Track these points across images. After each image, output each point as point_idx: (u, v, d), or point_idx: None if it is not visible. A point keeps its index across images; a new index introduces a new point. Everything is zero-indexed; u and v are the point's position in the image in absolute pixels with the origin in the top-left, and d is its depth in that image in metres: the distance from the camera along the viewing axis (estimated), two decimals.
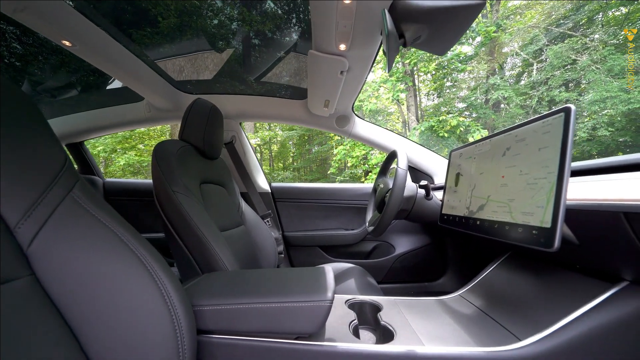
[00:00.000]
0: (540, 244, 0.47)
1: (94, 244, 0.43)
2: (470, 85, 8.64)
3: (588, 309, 0.51)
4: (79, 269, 0.41)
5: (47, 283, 0.39)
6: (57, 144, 0.47)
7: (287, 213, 1.61)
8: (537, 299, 0.61)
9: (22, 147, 0.42)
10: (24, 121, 0.44)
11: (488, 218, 0.63)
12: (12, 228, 0.38)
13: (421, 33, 0.69)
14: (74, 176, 0.47)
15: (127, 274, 0.44)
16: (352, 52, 0.86)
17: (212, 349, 0.53)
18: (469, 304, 0.73)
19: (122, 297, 0.42)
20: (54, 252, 0.40)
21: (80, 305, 0.39)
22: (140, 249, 0.46)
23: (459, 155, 0.84)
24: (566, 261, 0.63)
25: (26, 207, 0.40)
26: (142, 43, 1.07)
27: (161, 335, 0.43)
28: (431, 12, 0.64)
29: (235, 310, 0.52)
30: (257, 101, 1.44)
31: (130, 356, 0.41)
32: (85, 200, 0.46)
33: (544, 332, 0.51)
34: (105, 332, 0.40)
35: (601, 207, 0.46)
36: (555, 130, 0.49)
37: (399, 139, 1.47)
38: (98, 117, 1.48)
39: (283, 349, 0.52)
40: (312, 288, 0.54)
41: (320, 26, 0.76)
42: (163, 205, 0.82)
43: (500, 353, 0.50)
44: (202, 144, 1.02)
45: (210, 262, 0.79)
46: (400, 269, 1.51)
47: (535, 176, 0.51)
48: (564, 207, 0.45)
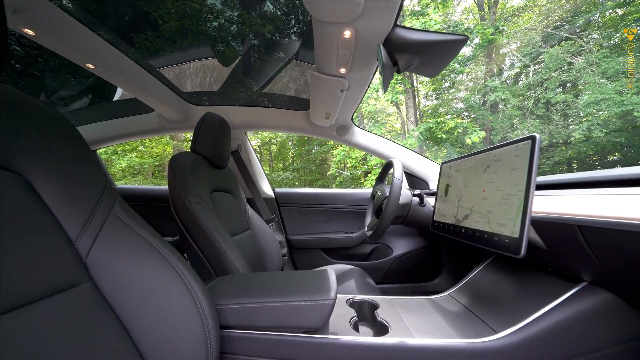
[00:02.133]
0: (510, 251, 0.56)
1: (134, 253, 0.52)
2: (468, 86, 8.73)
3: (554, 306, 0.59)
4: (125, 275, 0.49)
5: (103, 287, 0.47)
6: (98, 166, 0.56)
7: (290, 217, 1.70)
8: (514, 297, 0.69)
9: (75, 174, 0.50)
10: (74, 149, 0.52)
11: (471, 227, 0.72)
12: (73, 241, 0.47)
13: (413, 61, 0.78)
14: (113, 194, 0.56)
15: (162, 277, 0.52)
16: (351, 74, 0.94)
17: (232, 342, 0.62)
18: (456, 302, 0.81)
19: (160, 298, 0.51)
20: (106, 260, 0.49)
21: (129, 305, 0.48)
22: (171, 256, 0.55)
23: (449, 167, 0.93)
24: (539, 264, 0.71)
25: (82, 224, 0.48)
26: (145, 47, 1.11)
27: (192, 330, 0.52)
28: (420, 44, 0.72)
29: (251, 309, 0.61)
30: (262, 112, 1.52)
31: (169, 348, 0.49)
32: (125, 215, 0.54)
33: (516, 325, 0.60)
34: (149, 328, 0.48)
35: (561, 220, 0.55)
36: (524, 154, 0.57)
37: (395, 146, 1.56)
38: (112, 127, 1.56)
39: (293, 341, 0.61)
40: (318, 289, 0.62)
41: (322, 53, 0.84)
42: (179, 213, 0.90)
43: (478, 344, 0.59)
44: (212, 155, 1.11)
45: (223, 265, 0.87)
46: (398, 270, 1.60)
47: (508, 192, 0.60)
48: (529, 220, 0.53)
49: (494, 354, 0.58)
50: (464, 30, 7.63)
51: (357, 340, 0.61)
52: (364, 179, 8.02)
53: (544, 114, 6.50)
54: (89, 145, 0.55)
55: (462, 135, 6.50)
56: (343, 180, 8.84)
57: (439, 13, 8.16)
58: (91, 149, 0.57)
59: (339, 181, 9.08)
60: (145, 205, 1.70)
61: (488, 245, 0.64)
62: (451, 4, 8.50)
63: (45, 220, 0.44)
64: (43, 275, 0.40)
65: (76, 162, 0.51)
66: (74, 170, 0.50)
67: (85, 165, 0.52)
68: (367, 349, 0.61)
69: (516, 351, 0.58)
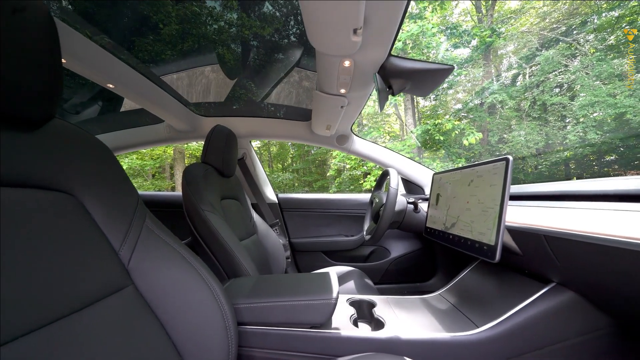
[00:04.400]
0: (488, 257, 0.65)
1: (165, 260, 0.60)
2: (466, 87, 8.83)
3: (527, 303, 0.68)
4: (159, 279, 0.58)
5: (142, 290, 0.56)
6: (130, 183, 0.64)
7: (292, 221, 1.79)
8: (494, 295, 0.79)
9: (114, 192, 0.59)
10: (112, 170, 0.61)
11: (457, 234, 0.81)
12: (117, 251, 0.56)
13: (405, 85, 0.87)
14: (143, 208, 0.65)
15: (189, 281, 0.61)
16: (351, 94, 1.03)
17: (248, 336, 0.71)
18: (445, 301, 0.90)
19: (188, 299, 0.60)
20: (143, 268, 0.57)
21: (164, 305, 0.57)
22: (195, 262, 0.64)
23: (440, 178, 1.02)
24: (516, 267, 0.80)
25: (122, 236, 0.57)
26: (146, 50, 1.17)
27: (216, 327, 0.60)
28: (411, 72, 0.81)
29: (264, 307, 0.70)
30: (266, 122, 1.61)
31: (197, 342, 0.58)
32: (155, 228, 0.63)
33: (495, 321, 0.69)
34: (181, 324, 0.57)
35: (531, 230, 0.64)
36: (500, 172, 0.66)
37: (393, 154, 1.65)
38: (125, 136, 1.65)
39: (301, 335, 0.70)
40: (322, 290, 0.71)
41: (324, 76, 0.93)
42: (193, 220, 0.99)
43: (462, 337, 0.68)
44: (222, 165, 1.19)
45: (234, 268, 0.96)
46: (395, 271, 1.69)
47: (487, 205, 0.69)
48: (503, 230, 0.62)
49: (475, 345, 0.67)
50: (461, 32, 7.74)
51: (357, 335, 0.70)
52: (363, 180, 8.12)
53: (540, 115, 6.61)
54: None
55: (459, 137, 6.60)
56: (342, 181, 8.93)
57: (437, 15, 8.27)
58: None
59: (339, 182, 9.17)
60: (154, 211, 1.79)
61: (471, 251, 0.73)
62: (449, 4, 8.61)
63: (95, 233, 0.53)
64: (97, 280, 0.49)
65: (114, 181, 0.60)
66: (113, 189, 0.59)
67: (121, 184, 0.61)
68: (365, 342, 0.70)
69: (494, 342, 0.67)
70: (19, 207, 0.43)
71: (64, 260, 0.45)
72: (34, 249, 0.42)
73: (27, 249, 0.41)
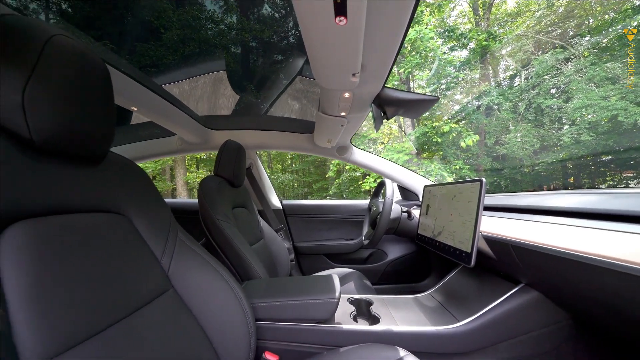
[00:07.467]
0: (465, 262, 0.77)
1: (196, 269, 0.73)
2: (464, 89, 8.95)
3: (499, 301, 0.81)
4: (192, 283, 0.70)
5: (180, 293, 0.68)
6: (162, 199, 0.76)
7: (296, 226, 1.92)
8: (474, 294, 0.91)
9: (154, 210, 0.71)
10: (150, 192, 0.73)
11: (442, 241, 0.93)
12: (159, 260, 0.68)
13: (397, 111, 0.99)
14: (175, 223, 0.77)
15: (215, 285, 0.74)
16: (350, 115, 1.16)
17: (264, 331, 0.83)
18: (434, 299, 1.03)
19: (217, 300, 0.72)
20: (180, 274, 0.70)
21: (198, 305, 0.69)
22: (219, 268, 0.76)
23: (429, 191, 1.15)
24: (493, 270, 0.93)
25: (162, 247, 0.69)
26: (147, 55, 1.26)
27: (239, 323, 0.73)
28: (402, 101, 0.94)
29: (277, 306, 0.82)
30: (271, 135, 1.74)
31: (225, 336, 0.70)
32: (186, 240, 0.75)
33: (473, 316, 0.82)
34: (212, 321, 0.70)
35: (501, 240, 0.77)
36: (476, 191, 0.79)
37: (389, 164, 1.77)
38: (140, 148, 1.77)
39: (309, 329, 0.82)
40: (326, 290, 0.84)
41: (326, 102, 1.05)
42: (210, 229, 1.11)
43: (444, 330, 0.81)
44: (232, 177, 1.32)
45: (247, 271, 1.09)
46: (392, 272, 1.82)
47: (465, 219, 0.82)
48: (478, 240, 0.75)
49: (456, 336, 0.80)
50: (458, 35, 7.86)
51: (356, 328, 0.83)
52: (362, 181, 8.24)
53: (536, 117, 6.74)
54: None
55: (457, 139, 6.73)
56: (342, 181, 9.06)
57: (434, 17, 8.39)
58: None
59: (338, 183, 9.29)
60: None
61: (453, 257, 0.85)
62: (447, 6, 8.73)
63: (142, 246, 0.65)
64: (148, 285, 0.62)
65: (153, 201, 0.72)
66: (152, 208, 0.71)
67: (157, 201, 0.73)
68: (363, 334, 0.82)
69: (472, 334, 0.80)
70: (89, 229, 0.55)
71: (125, 269, 0.58)
72: (102, 261, 0.54)
73: (98, 262, 0.53)
